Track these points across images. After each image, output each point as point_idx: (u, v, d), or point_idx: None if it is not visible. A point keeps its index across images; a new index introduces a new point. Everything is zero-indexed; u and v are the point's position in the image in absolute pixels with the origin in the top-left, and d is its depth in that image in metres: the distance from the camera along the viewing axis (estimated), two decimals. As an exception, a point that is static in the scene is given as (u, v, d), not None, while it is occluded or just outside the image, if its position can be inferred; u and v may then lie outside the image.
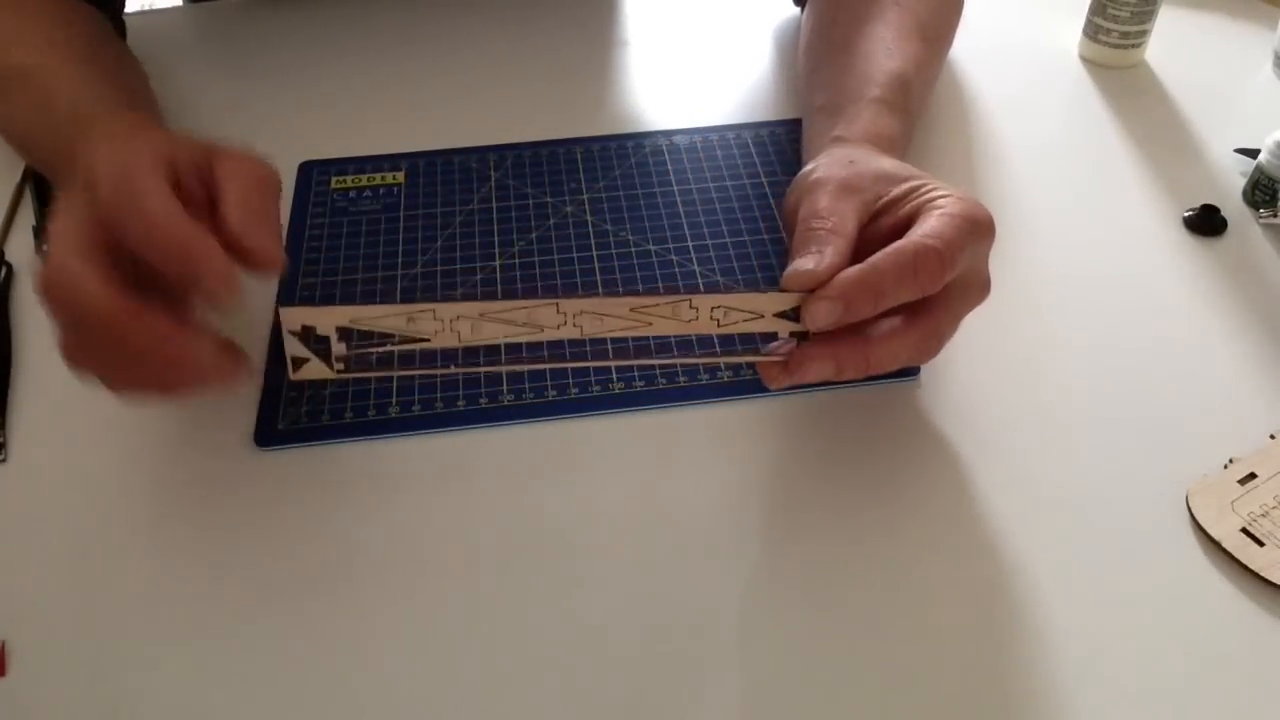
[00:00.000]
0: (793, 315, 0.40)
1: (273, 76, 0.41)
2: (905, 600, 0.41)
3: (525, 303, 0.38)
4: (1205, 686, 0.38)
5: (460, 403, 0.48)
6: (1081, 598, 0.41)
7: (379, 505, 0.44)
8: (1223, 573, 0.41)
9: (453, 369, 0.47)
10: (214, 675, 0.39)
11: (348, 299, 0.52)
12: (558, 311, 0.38)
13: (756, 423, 0.47)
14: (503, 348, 0.48)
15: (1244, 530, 0.42)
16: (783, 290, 0.40)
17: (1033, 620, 0.40)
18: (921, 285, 0.39)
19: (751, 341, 0.47)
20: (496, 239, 0.56)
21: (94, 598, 0.42)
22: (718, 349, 0.48)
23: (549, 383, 0.48)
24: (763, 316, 0.40)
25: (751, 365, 0.45)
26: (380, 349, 0.39)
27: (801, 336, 0.41)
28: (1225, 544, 0.41)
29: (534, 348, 0.48)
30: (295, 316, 0.38)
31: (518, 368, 0.47)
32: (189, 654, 0.40)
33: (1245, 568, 0.41)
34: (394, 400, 0.48)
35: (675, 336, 0.41)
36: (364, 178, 0.60)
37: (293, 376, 0.40)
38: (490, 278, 0.54)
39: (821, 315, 0.39)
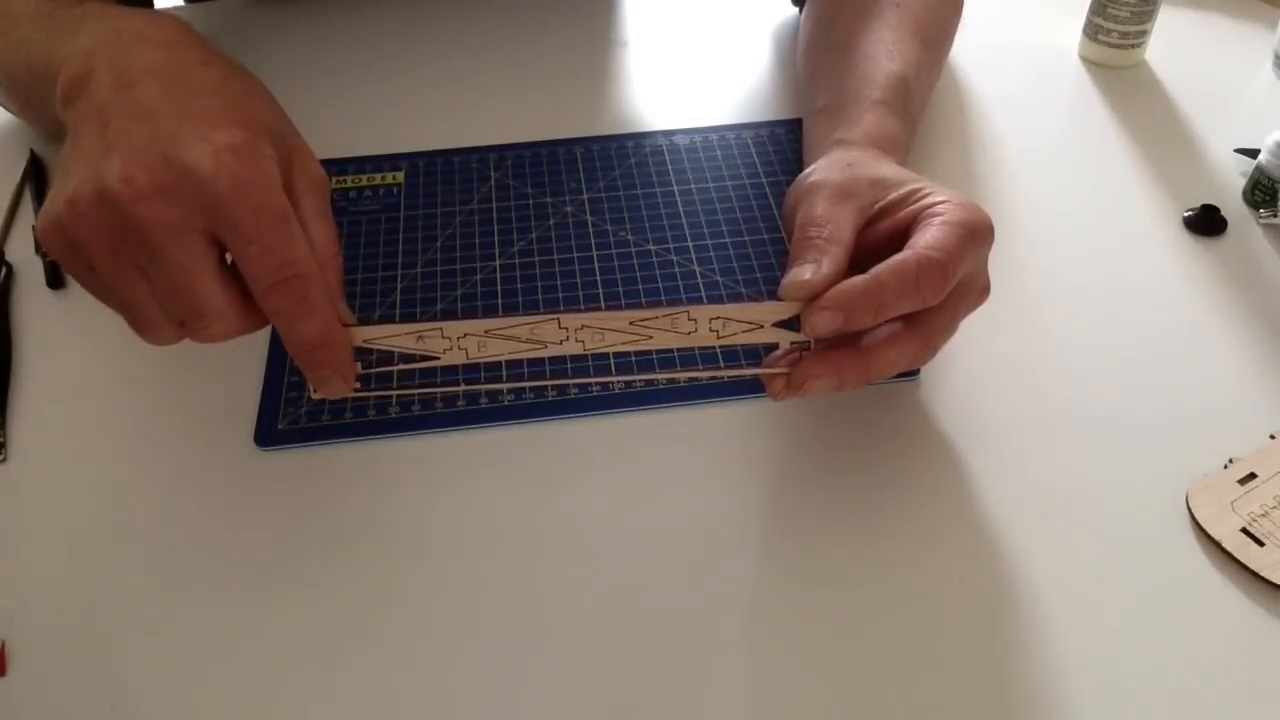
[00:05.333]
0: (792, 324, 0.40)
1: (272, 77, 0.41)
2: (905, 599, 0.41)
3: (528, 318, 0.39)
4: (1205, 686, 0.38)
5: (460, 403, 0.48)
6: (1081, 597, 0.41)
7: (379, 505, 0.44)
8: (1223, 573, 0.41)
9: (459, 388, 0.48)
10: (214, 674, 0.39)
11: (348, 299, 0.52)
12: (559, 326, 0.39)
13: (756, 422, 0.47)
14: (504, 364, 0.49)
15: (1244, 530, 0.42)
16: (781, 300, 0.40)
17: (1032, 619, 0.40)
18: (924, 297, 0.39)
19: (753, 352, 0.47)
20: (496, 239, 0.56)
21: (94, 597, 0.42)
22: (720, 363, 0.48)
23: (549, 382, 0.48)
24: (762, 326, 0.40)
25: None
26: (390, 368, 0.41)
27: (803, 345, 0.41)
28: (1225, 544, 0.41)
29: (534, 364, 0.49)
30: None
31: (519, 385, 0.48)
32: (189, 653, 0.40)
33: (1245, 568, 0.41)
34: (394, 400, 0.48)
35: (678, 349, 0.41)
36: (364, 178, 0.60)
37: (313, 396, 0.41)
38: (490, 278, 0.54)
39: (822, 325, 0.39)
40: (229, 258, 0.36)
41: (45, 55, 0.44)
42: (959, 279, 0.39)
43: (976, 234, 0.40)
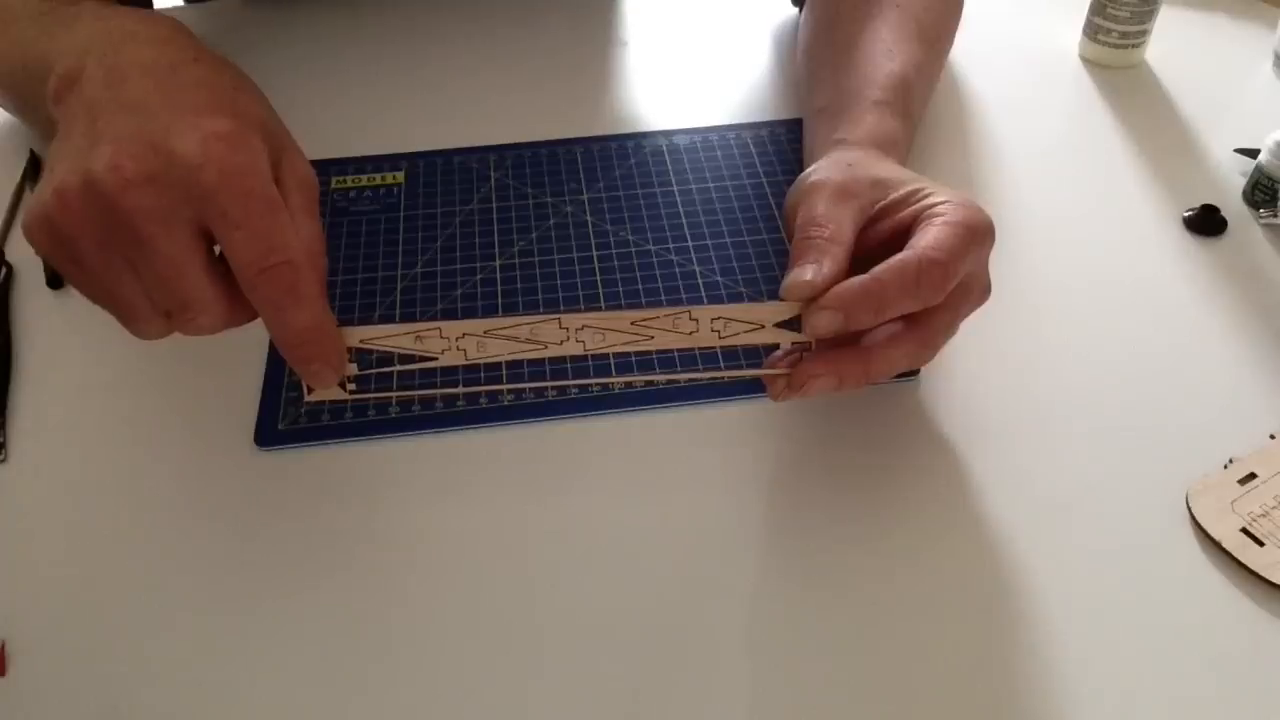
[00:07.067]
0: (793, 324, 0.40)
1: (272, 77, 0.41)
2: (905, 599, 0.41)
3: (528, 318, 0.39)
4: (1205, 686, 0.38)
5: (460, 403, 0.48)
6: (1081, 597, 0.41)
7: (379, 505, 0.44)
8: (1223, 573, 0.41)
9: (459, 389, 0.48)
10: (213, 674, 0.39)
11: (348, 299, 0.52)
12: (560, 327, 0.39)
13: (756, 423, 0.47)
14: (504, 364, 0.48)
15: (1244, 530, 0.42)
16: (782, 300, 0.40)
17: (1033, 620, 0.40)
18: (924, 298, 0.39)
19: (753, 353, 0.47)
20: (496, 239, 0.56)
21: (94, 598, 0.42)
22: (721, 364, 0.48)
23: (549, 383, 0.48)
24: (763, 327, 0.40)
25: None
26: (389, 369, 0.40)
27: (803, 346, 0.41)
28: (1225, 544, 0.41)
29: (535, 364, 0.49)
30: None
31: (519, 386, 0.48)
32: (188, 653, 0.40)
33: (1245, 568, 0.41)
34: (394, 401, 0.48)
35: (679, 350, 0.41)
36: (364, 178, 0.60)
37: (308, 399, 0.40)
38: (490, 278, 0.54)
39: (823, 325, 0.39)
40: (218, 249, 0.36)
41: (40, 53, 0.44)
42: (960, 279, 0.40)
43: (977, 234, 0.40)
